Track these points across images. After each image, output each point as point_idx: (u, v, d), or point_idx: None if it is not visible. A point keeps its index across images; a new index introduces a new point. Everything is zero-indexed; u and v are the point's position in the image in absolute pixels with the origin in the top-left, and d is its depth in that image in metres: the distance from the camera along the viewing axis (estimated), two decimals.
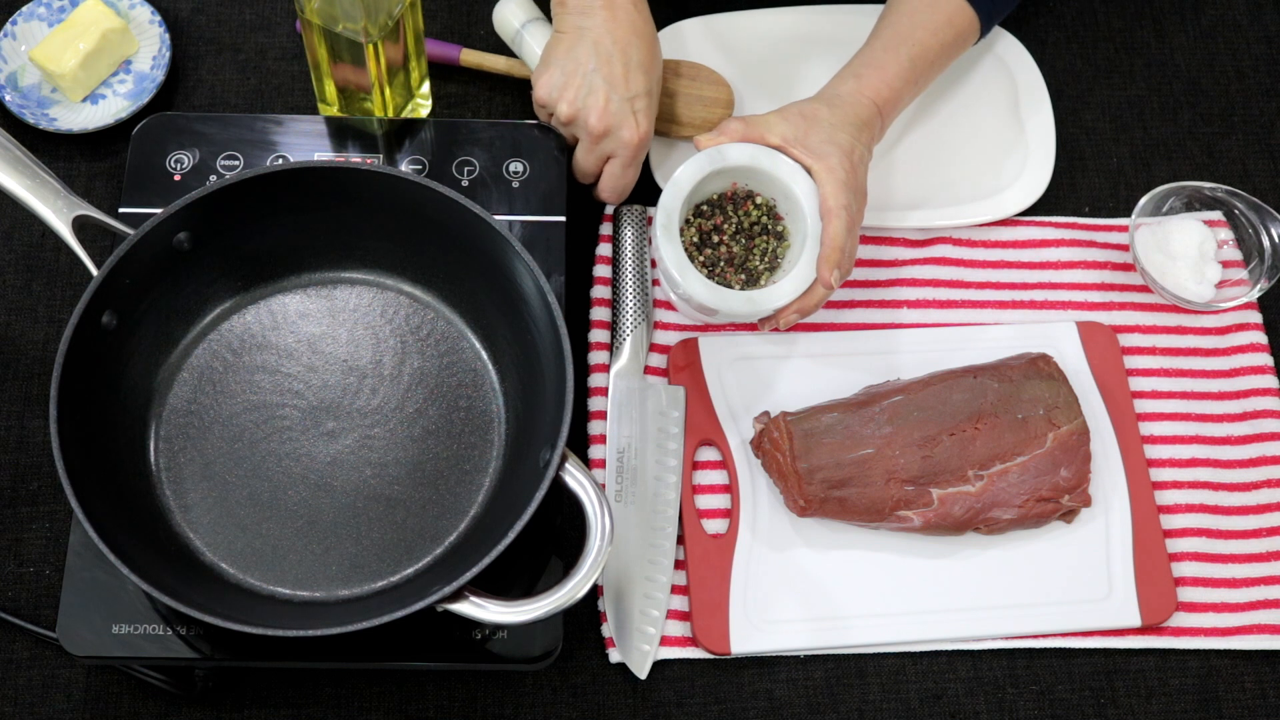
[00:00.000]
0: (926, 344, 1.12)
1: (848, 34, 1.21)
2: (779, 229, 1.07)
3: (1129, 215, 1.17)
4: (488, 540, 0.89)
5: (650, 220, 1.14)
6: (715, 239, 1.06)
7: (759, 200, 1.07)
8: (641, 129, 1.07)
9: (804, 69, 1.20)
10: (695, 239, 1.06)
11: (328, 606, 0.96)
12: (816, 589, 1.04)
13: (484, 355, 1.04)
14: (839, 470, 1.02)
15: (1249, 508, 1.09)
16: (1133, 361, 1.13)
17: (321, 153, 1.12)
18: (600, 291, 1.12)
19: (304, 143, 1.12)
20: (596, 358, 1.10)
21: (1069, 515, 1.05)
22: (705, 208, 1.07)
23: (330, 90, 1.12)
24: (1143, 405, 1.11)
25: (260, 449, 1.00)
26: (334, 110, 1.14)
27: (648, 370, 1.10)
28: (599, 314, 1.11)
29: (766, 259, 1.06)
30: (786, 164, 1.04)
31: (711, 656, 1.02)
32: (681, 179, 1.04)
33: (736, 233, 1.07)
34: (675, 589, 1.03)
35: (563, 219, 1.10)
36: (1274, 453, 1.10)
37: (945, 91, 1.21)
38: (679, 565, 1.04)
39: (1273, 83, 1.26)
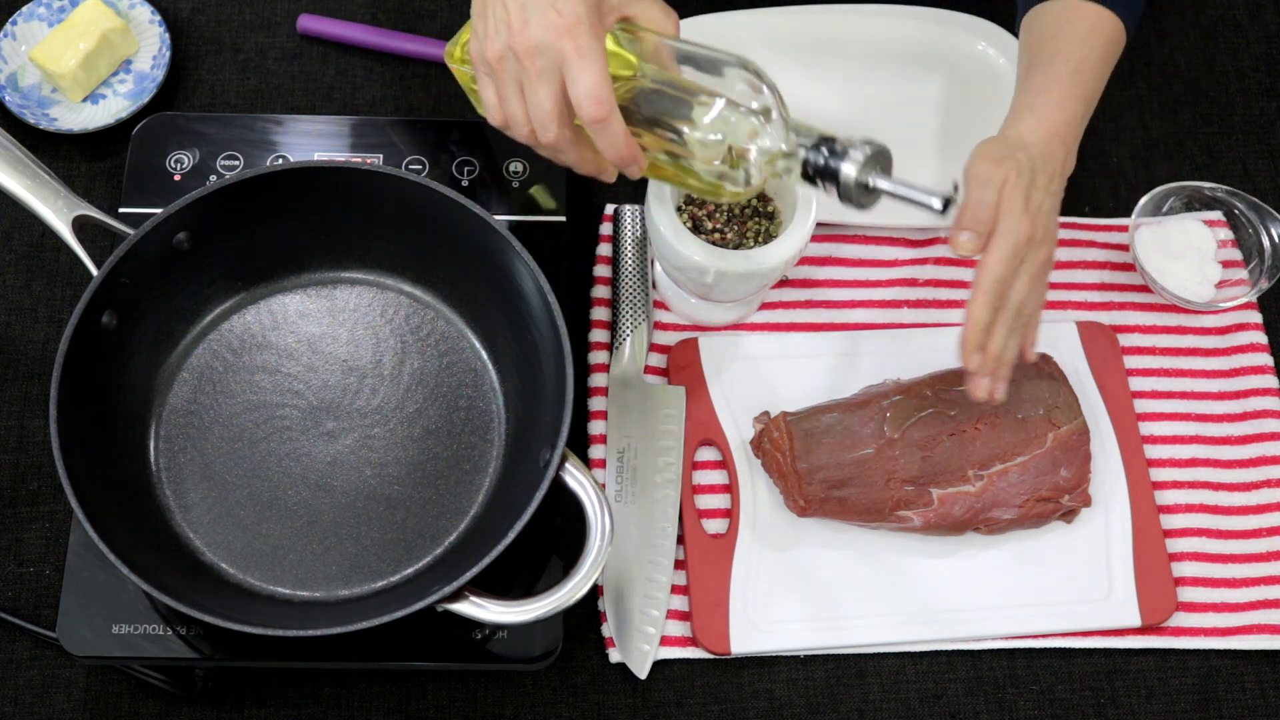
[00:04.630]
0: (927, 344, 1.12)
1: (848, 34, 1.21)
2: (770, 210, 1.07)
3: (1129, 215, 1.17)
4: (488, 540, 0.89)
5: None
6: (709, 225, 1.06)
7: None
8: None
9: (804, 69, 1.20)
10: (689, 225, 1.06)
11: (328, 606, 0.96)
12: (816, 589, 1.04)
13: (484, 355, 1.04)
14: (839, 470, 1.02)
15: (1249, 508, 1.09)
16: (1133, 361, 1.13)
17: (321, 153, 1.12)
18: (600, 291, 1.12)
19: (304, 143, 1.12)
20: (596, 358, 1.10)
21: (1069, 515, 1.05)
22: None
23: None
24: (1143, 405, 1.11)
25: (260, 449, 1.00)
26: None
27: (648, 370, 1.10)
28: (599, 314, 1.11)
29: (760, 239, 1.06)
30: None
31: (711, 656, 1.02)
32: None
33: (730, 220, 1.07)
34: (675, 589, 1.03)
35: (563, 219, 1.10)
36: (1274, 453, 1.10)
37: (945, 91, 1.21)
38: (679, 565, 1.04)
39: (1273, 83, 1.26)
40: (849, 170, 0.87)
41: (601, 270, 1.13)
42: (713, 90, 0.89)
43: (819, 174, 0.88)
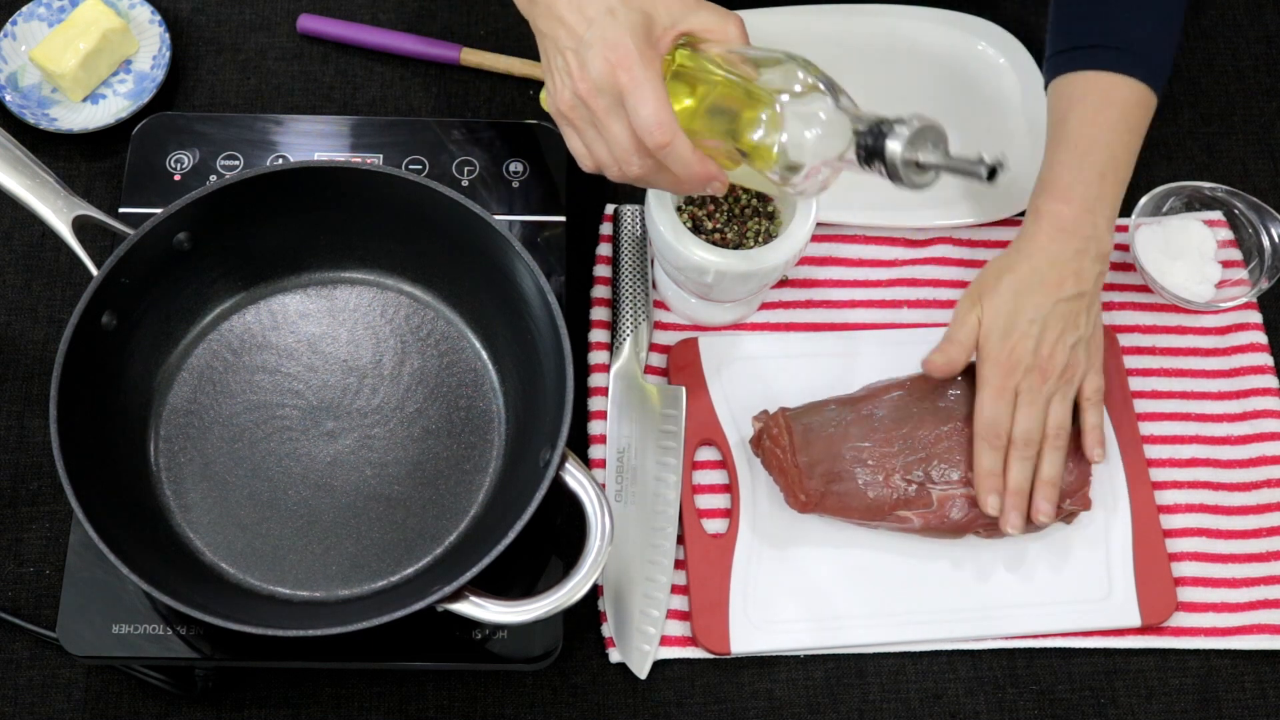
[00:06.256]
0: (927, 344, 1.11)
1: (849, 35, 1.21)
2: (770, 210, 1.07)
3: (1129, 215, 1.17)
4: (488, 540, 0.89)
5: None
6: (709, 225, 1.06)
7: None
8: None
9: None
10: (689, 225, 1.06)
11: (328, 606, 0.96)
12: (816, 589, 1.04)
13: (484, 355, 1.04)
14: (838, 463, 1.02)
15: (1249, 508, 1.09)
16: (1133, 361, 1.13)
17: (321, 153, 1.12)
18: (600, 291, 1.12)
19: (304, 143, 1.12)
20: (596, 358, 1.10)
21: (1069, 518, 1.05)
22: (695, 195, 1.07)
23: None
24: (1143, 405, 1.11)
25: (260, 449, 1.00)
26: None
27: (648, 370, 1.10)
28: (599, 314, 1.11)
29: (761, 239, 1.06)
30: None
31: (711, 656, 1.02)
32: None
33: (730, 219, 1.07)
34: (675, 589, 1.03)
35: (563, 219, 1.10)
36: (1274, 453, 1.10)
37: (945, 91, 1.20)
38: (679, 565, 1.04)
39: (1273, 83, 1.26)
40: (894, 148, 0.86)
41: (601, 270, 1.13)
42: (772, 93, 0.89)
43: (870, 156, 0.87)
